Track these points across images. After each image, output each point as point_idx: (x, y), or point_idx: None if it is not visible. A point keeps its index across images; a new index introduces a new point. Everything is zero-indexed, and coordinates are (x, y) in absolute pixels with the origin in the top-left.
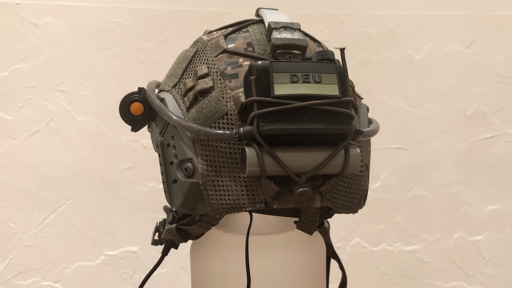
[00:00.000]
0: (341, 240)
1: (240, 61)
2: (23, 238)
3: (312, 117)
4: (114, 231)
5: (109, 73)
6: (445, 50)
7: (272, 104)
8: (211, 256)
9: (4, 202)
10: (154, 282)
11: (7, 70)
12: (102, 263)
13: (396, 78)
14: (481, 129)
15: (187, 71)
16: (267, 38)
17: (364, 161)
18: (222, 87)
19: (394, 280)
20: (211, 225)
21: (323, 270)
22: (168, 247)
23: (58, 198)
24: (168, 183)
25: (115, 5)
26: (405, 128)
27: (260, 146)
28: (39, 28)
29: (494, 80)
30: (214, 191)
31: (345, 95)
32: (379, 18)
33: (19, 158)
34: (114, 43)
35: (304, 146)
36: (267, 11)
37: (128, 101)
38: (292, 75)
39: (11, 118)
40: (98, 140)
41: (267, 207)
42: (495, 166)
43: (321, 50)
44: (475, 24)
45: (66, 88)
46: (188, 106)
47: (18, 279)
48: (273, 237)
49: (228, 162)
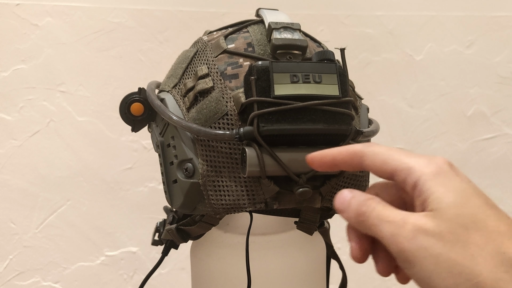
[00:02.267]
0: (341, 240)
1: (240, 61)
2: (23, 239)
3: (312, 118)
4: (114, 232)
5: (109, 73)
6: (445, 50)
7: (272, 105)
8: (211, 256)
9: (4, 202)
10: (154, 283)
11: (7, 70)
12: (102, 264)
13: (396, 78)
14: (481, 129)
15: (187, 72)
16: (267, 38)
17: None
18: (222, 88)
19: (394, 280)
20: (211, 225)
21: (323, 271)
22: (168, 248)
23: (58, 198)
24: (168, 183)
25: (115, 5)
26: (405, 129)
27: (260, 146)
28: (39, 28)
29: (494, 80)
30: (214, 192)
31: (345, 95)
32: (379, 18)
33: (20, 159)
34: (114, 44)
35: (304, 146)
36: (267, 11)
37: (128, 102)
38: (292, 75)
39: (11, 118)
40: (98, 141)
41: (267, 207)
42: (495, 166)
43: (321, 50)
44: (475, 24)
45: (66, 88)
46: (188, 106)
47: (18, 280)
48: (273, 237)
49: (228, 163)
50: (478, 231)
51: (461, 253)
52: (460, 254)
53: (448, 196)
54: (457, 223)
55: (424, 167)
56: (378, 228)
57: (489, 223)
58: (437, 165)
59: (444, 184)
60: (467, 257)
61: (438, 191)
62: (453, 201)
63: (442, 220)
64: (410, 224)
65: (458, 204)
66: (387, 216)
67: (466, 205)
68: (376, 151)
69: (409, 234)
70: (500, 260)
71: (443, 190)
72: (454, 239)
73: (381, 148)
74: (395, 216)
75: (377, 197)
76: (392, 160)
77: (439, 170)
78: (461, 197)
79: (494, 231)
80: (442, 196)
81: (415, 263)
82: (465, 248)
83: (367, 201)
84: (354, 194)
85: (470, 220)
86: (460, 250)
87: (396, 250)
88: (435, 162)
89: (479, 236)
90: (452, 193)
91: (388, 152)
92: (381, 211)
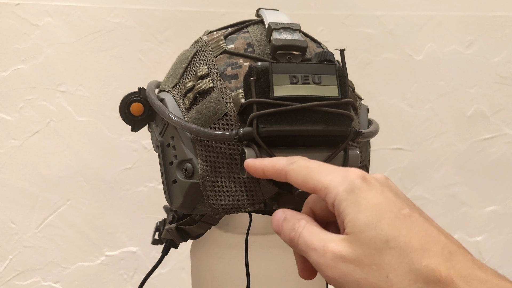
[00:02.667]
0: None
1: (240, 61)
2: (23, 239)
3: (311, 119)
4: (114, 232)
5: (109, 73)
6: (445, 50)
7: (272, 105)
8: (211, 256)
9: (4, 202)
10: (154, 282)
11: (7, 70)
12: (102, 264)
13: (396, 78)
14: (481, 129)
15: (187, 72)
16: (267, 38)
17: (364, 162)
18: (222, 88)
19: None
20: (210, 225)
21: None
22: (168, 247)
23: (58, 198)
24: (167, 183)
25: (115, 5)
26: (405, 129)
27: (259, 147)
28: (39, 28)
29: (494, 80)
30: (213, 192)
31: (344, 96)
32: (379, 18)
33: (19, 159)
34: (114, 44)
35: (304, 147)
36: (267, 11)
37: (128, 101)
38: (292, 76)
39: (11, 118)
40: (98, 141)
41: (267, 208)
42: (495, 166)
43: (321, 51)
44: (475, 24)
45: (66, 88)
46: (188, 106)
47: (18, 280)
48: (273, 237)
49: (227, 163)
50: (391, 250)
51: (377, 276)
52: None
53: (360, 217)
54: (371, 246)
55: (339, 185)
56: (306, 254)
57: (400, 239)
58: (350, 181)
59: (357, 202)
60: (383, 279)
61: (352, 212)
62: (364, 223)
63: (357, 245)
64: (330, 252)
65: (370, 226)
66: (311, 243)
67: (378, 224)
68: (296, 170)
69: (330, 263)
70: (414, 277)
71: (356, 211)
72: (369, 263)
73: (302, 165)
74: (318, 243)
75: (305, 217)
76: (311, 179)
77: (352, 187)
78: (373, 215)
79: (405, 248)
80: (355, 219)
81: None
82: (380, 270)
83: (295, 225)
84: (285, 215)
85: (382, 240)
86: (376, 274)
87: (323, 276)
88: (348, 178)
89: (391, 256)
90: (363, 213)
91: (307, 170)
92: (306, 237)
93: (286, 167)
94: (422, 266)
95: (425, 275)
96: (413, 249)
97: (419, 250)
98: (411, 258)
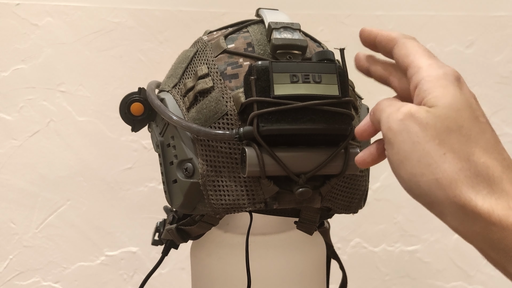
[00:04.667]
0: (341, 240)
1: (240, 61)
2: (23, 239)
3: (312, 117)
4: (114, 232)
5: (109, 73)
6: (445, 50)
7: (272, 104)
8: (211, 256)
9: (4, 202)
10: (154, 283)
11: (7, 70)
12: (102, 264)
13: None
14: None
15: (187, 71)
16: (267, 38)
17: None
18: (222, 87)
19: (394, 280)
20: (211, 225)
21: (323, 271)
22: (168, 247)
23: (58, 198)
24: (168, 183)
25: (116, 5)
26: None
27: (260, 146)
28: (39, 28)
29: (494, 80)
30: (214, 191)
31: (345, 95)
32: (379, 18)
33: (19, 159)
34: (114, 44)
35: (304, 146)
36: (267, 11)
37: (128, 101)
38: (292, 75)
39: (11, 118)
40: (98, 141)
41: (267, 207)
42: None
43: (321, 50)
44: (475, 24)
45: (66, 88)
46: (188, 106)
47: (18, 280)
48: (273, 237)
49: (228, 162)
50: (460, 136)
51: (436, 149)
52: (435, 149)
53: (445, 97)
54: (445, 122)
55: (432, 70)
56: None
57: (472, 133)
58: (445, 71)
59: (445, 87)
60: (439, 154)
61: (437, 91)
62: (448, 103)
63: (433, 115)
64: (405, 108)
65: (452, 107)
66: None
67: (460, 111)
68: (406, 45)
69: (400, 116)
70: (466, 166)
71: (442, 92)
72: (435, 134)
73: (414, 44)
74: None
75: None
76: (413, 56)
77: (445, 76)
78: (457, 102)
79: (473, 142)
80: (439, 96)
81: (394, 145)
82: (441, 145)
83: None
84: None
85: (458, 124)
86: (436, 147)
87: (385, 128)
88: (444, 69)
89: (458, 140)
90: (449, 96)
91: (414, 48)
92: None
93: (399, 39)
94: (480, 161)
95: (479, 169)
96: (478, 146)
97: (483, 150)
98: (474, 151)
